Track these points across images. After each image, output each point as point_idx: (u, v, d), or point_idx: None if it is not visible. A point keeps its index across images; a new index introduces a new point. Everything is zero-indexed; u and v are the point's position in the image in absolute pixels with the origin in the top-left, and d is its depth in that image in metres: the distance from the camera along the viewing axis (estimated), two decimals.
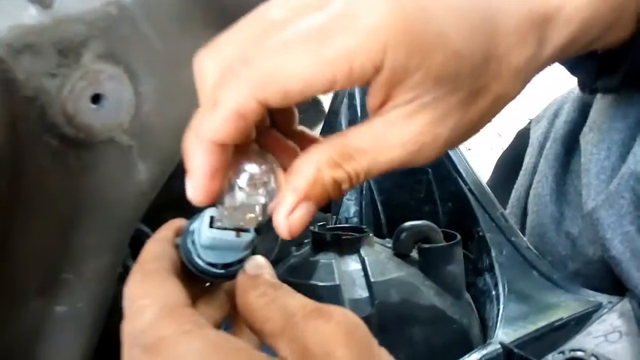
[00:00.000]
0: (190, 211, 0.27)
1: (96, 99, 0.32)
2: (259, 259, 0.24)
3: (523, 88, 0.24)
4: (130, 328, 0.21)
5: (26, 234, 0.33)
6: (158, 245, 0.25)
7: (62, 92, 0.30)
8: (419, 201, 0.53)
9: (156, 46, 0.33)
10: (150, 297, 0.21)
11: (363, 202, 0.58)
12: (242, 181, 0.23)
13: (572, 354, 0.32)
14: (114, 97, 0.32)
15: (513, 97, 0.24)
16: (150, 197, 0.38)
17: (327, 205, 0.59)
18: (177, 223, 0.27)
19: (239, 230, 0.23)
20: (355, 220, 0.57)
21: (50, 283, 0.35)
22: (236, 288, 0.23)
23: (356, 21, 0.20)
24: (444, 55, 0.21)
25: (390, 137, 0.22)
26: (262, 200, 0.23)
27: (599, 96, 0.43)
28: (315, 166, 0.22)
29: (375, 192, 0.57)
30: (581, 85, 0.37)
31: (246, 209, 0.23)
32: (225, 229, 0.23)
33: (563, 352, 0.33)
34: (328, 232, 0.45)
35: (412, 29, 0.20)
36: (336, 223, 0.55)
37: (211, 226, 0.24)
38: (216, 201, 0.23)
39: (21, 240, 0.33)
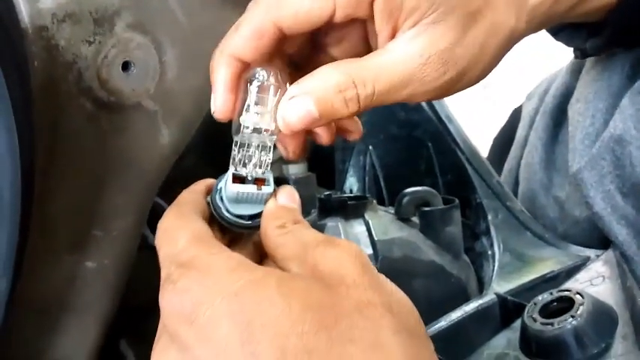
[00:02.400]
0: None
1: (125, 66, 0.35)
2: (291, 191, 0.26)
3: (518, 23, 0.26)
4: (165, 252, 0.24)
5: (62, 191, 0.36)
6: (192, 195, 0.28)
7: (97, 58, 0.34)
8: (420, 174, 0.57)
9: (180, 19, 0.37)
10: (183, 229, 0.24)
11: (366, 178, 0.61)
12: (253, 84, 0.25)
13: (560, 294, 0.36)
14: (141, 65, 0.36)
15: (508, 29, 0.26)
16: (171, 161, 0.41)
17: (331, 181, 0.63)
18: (208, 181, 0.29)
19: (258, 182, 0.26)
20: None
21: (81, 239, 0.38)
22: (263, 213, 0.26)
23: None
24: None
25: (396, 53, 0.24)
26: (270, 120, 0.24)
27: (585, 70, 0.47)
28: (327, 69, 0.24)
29: (377, 168, 0.60)
30: (574, 48, 0.40)
31: (260, 122, 0.24)
32: (244, 172, 0.26)
33: (551, 293, 0.36)
34: (334, 198, 0.48)
35: None
36: None
37: (234, 182, 0.26)
38: (231, 117, 0.26)
39: (57, 197, 0.36)
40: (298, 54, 0.29)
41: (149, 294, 0.56)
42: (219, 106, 0.26)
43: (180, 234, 0.24)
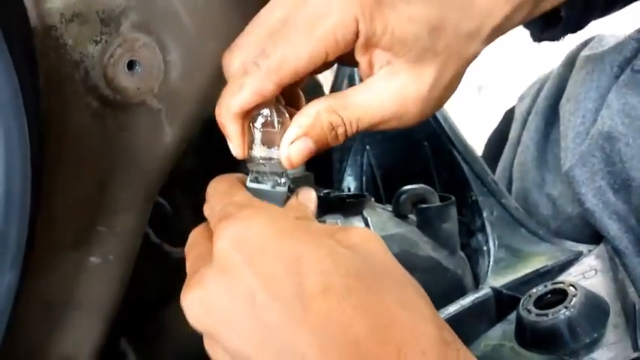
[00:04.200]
0: (198, 188, 0.31)
1: (131, 65, 0.36)
2: (311, 193, 0.29)
3: (478, 48, 0.29)
4: (221, 200, 0.27)
5: (67, 187, 0.37)
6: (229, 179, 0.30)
7: (103, 57, 0.35)
8: (416, 173, 0.58)
9: (184, 19, 0.38)
10: (239, 189, 0.28)
11: (364, 178, 0.62)
12: (258, 122, 0.28)
13: (553, 286, 0.37)
14: (146, 64, 0.36)
15: (471, 55, 0.29)
16: (174, 159, 0.42)
17: (329, 180, 0.64)
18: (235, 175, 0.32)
19: (275, 185, 0.29)
20: None
21: (86, 234, 0.39)
22: (285, 207, 0.28)
23: (332, 4, 0.26)
24: (398, 20, 0.26)
25: (378, 93, 0.27)
26: (276, 145, 0.28)
27: (575, 70, 0.48)
28: (316, 110, 0.27)
29: (374, 167, 0.61)
30: (532, 35, 0.42)
31: (266, 154, 0.28)
32: (261, 181, 0.29)
33: (545, 286, 0.37)
34: (333, 196, 0.49)
35: (373, 2, 0.26)
36: None
37: (251, 181, 0.29)
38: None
39: (63, 192, 0.37)
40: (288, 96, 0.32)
41: (150, 293, 0.57)
42: (239, 152, 0.29)
43: (236, 190, 0.27)
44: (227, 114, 0.29)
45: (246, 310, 0.21)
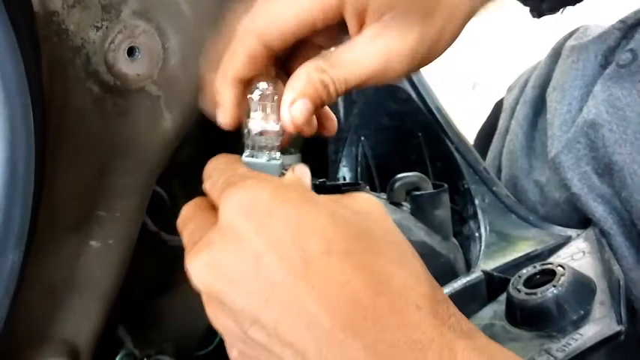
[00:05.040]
0: (195, 177, 0.32)
1: (131, 51, 0.37)
2: (305, 168, 0.29)
3: (474, 3, 0.29)
4: (223, 173, 0.27)
5: (68, 172, 0.38)
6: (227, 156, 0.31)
7: (104, 43, 0.35)
8: (410, 163, 0.59)
9: (183, 7, 0.38)
10: (240, 163, 0.28)
11: (359, 169, 0.63)
12: (255, 94, 0.29)
13: (542, 267, 0.38)
14: (146, 51, 0.37)
15: (464, 13, 0.29)
16: (173, 146, 0.43)
17: (325, 171, 0.65)
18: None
19: (270, 159, 0.29)
20: None
21: (86, 218, 0.40)
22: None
23: None
24: None
25: (364, 52, 0.28)
26: (273, 118, 0.29)
27: (561, 59, 0.50)
28: (307, 71, 0.28)
29: (369, 158, 0.62)
30: (532, 11, 0.42)
31: (263, 129, 0.29)
32: (255, 156, 0.29)
33: (534, 267, 0.38)
34: (329, 185, 0.50)
35: None
36: None
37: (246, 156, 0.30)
38: (240, 126, 0.30)
39: (64, 178, 0.38)
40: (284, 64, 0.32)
41: (147, 280, 0.57)
42: (227, 120, 0.30)
43: (236, 164, 0.28)
44: (222, 80, 0.29)
45: (253, 271, 0.22)
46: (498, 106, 0.62)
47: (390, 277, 0.23)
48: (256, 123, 0.29)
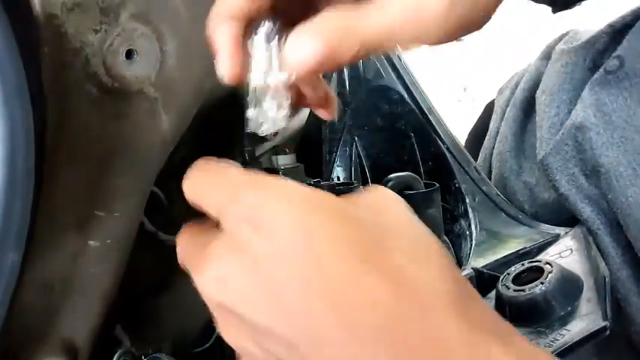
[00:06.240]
0: None
1: (129, 54, 0.37)
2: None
3: None
4: (217, 181, 0.26)
5: (68, 173, 0.38)
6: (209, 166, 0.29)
7: (103, 46, 0.36)
8: (403, 163, 0.60)
9: (180, 10, 0.39)
10: (229, 167, 0.26)
11: (353, 168, 0.64)
12: (256, 40, 0.24)
13: (531, 264, 0.39)
14: (144, 53, 0.38)
15: None
16: (170, 146, 0.44)
17: (319, 171, 0.65)
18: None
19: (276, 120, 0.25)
20: None
21: (85, 218, 0.40)
22: None
23: None
24: None
25: (391, 13, 0.23)
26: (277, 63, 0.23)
27: (550, 63, 0.51)
28: (333, 25, 0.23)
29: (363, 158, 0.63)
30: (548, 3, 0.41)
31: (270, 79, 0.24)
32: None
33: (523, 264, 0.40)
34: (323, 184, 0.51)
35: None
36: None
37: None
38: (242, 79, 0.25)
39: (63, 178, 0.38)
40: (287, 12, 0.27)
41: (145, 280, 0.58)
42: (228, 68, 0.25)
43: (229, 170, 0.25)
44: (217, 20, 0.25)
45: (263, 283, 0.21)
46: (489, 108, 0.64)
47: (411, 279, 0.21)
48: (259, 73, 0.24)
